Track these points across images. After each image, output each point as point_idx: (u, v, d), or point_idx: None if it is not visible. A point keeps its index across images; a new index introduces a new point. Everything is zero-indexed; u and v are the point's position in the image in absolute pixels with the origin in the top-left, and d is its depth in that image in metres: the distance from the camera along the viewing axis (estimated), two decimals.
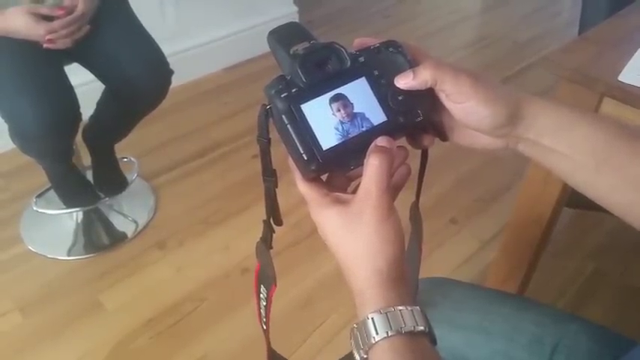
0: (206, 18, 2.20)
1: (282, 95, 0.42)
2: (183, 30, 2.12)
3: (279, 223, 0.51)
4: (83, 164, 1.56)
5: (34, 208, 1.56)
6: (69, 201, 1.53)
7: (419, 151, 0.51)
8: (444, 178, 1.78)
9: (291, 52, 0.43)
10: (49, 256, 1.50)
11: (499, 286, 1.20)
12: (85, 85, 1.38)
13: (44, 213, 1.55)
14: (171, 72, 1.34)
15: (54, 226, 1.58)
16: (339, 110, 0.43)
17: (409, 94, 0.45)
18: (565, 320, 0.70)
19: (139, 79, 1.29)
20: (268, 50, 0.46)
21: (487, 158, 1.87)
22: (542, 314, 0.71)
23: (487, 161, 1.86)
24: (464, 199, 1.72)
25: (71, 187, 1.52)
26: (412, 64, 0.46)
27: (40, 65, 1.18)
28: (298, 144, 0.42)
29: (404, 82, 0.45)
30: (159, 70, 1.33)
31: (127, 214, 1.63)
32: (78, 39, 1.17)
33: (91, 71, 1.32)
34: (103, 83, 1.35)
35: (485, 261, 1.49)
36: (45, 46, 1.14)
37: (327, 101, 0.43)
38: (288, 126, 0.42)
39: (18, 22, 1.10)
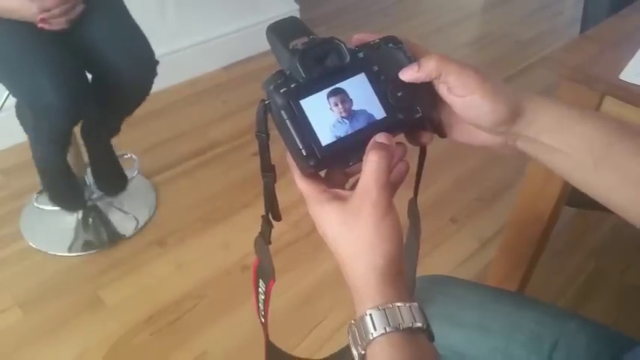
0: (206, 16, 2.20)
1: (281, 90, 0.42)
2: (183, 28, 2.12)
3: (277, 218, 0.51)
4: (83, 161, 1.56)
5: (35, 205, 1.56)
6: (57, 202, 1.52)
7: (417, 148, 0.51)
8: (443, 177, 1.78)
9: (290, 46, 0.43)
10: (49, 252, 1.50)
11: (499, 284, 1.20)
12: None
13: (45, 209, 1.55)
14: (156, 62, 1.34)
15: (54, 223, 1.58)
16: (336, 105, 0.43)
17: (408, 90, 0.45)
18: (564, 318, 0.70)
19: (122, 68, 1.28)
20: (268, 49, 0.46)
21: (487, 157, 1.87)
22: (541, 312, 0.71)
23: (487, 160, 1.86)
24: (464, 198, 1.72)
25: (62, 186, 1.51)
26: (412, 60, 0.46)
27: (49, 40, 1.18)
28: (297, 139, 0.42)
29: (409, 74, 0.45)
30: (143, 59, 1.32)
31: (128, 211, 1.63)
32: (73, 19, 1.17)
33: (79, 57, 1.32)
34: (89, 71, 1.34)
35: (485, 260, 1.49)
36: (39, 26, 1.14)
37: (326, 96, 0.43)
38: (287, 121, 0.42)
39: (11, 1, 1.10)
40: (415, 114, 0.45)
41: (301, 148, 0.42)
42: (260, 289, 0.55)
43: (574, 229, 1.61)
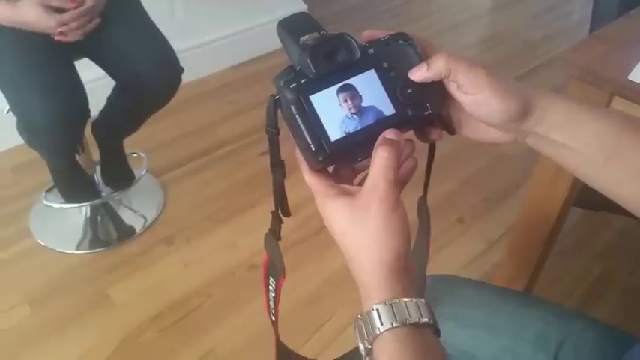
0: (214, 16, 2.21)
1: (291, 86, 0.42)
2: (191, 28, 2.13)
3: (287, 214, 0.51)
4: (93, 159, 1.57)
5: (44, 203, 1.57)
6: (69, 196, 1.54)
7: (425, 147, 0.51)
8: (451, 178, 1.78)
9: (301, 42, 0.43)
10: (58, 249, 1.51)
11: (506, 285, 1.19)
12: (96, 81, 1.39)
13: (54, 207, 1.56)
14: (181, 70, 1.35)
15: (63, 221, 1.60)
16: (345, 101, 0.43)
17: (418, 87, 0.45)
18: (571, 318, 0.70)
19: (149, 77, 1.29)
20: (276, 48, 0.46)
21: (494, 158, 1.86)
22: (548, 312, 0.71)
23: (495, 161, 1.85)
24: (471, 199, 1.72)
25: (72, 184, 1.53)
26: (422, 57, 0.46)
27: (52, 60, 1.19)
28: (306, 135, 0.42)
29: (418, 74, 0.45)
30: (169, 67, 1.33)
31: (136, 209, 1.65)
32: (89, 31, 1.18)
33: (101, 67, 1.33)
34: (113, 79, 1.36)
35: (492, 261, 1.49)
36: (56, 38, 1.14)
37: (336, 92, 0.43)
38: (297, 117, 0.42)
39: (30, 14, 1.11)
40: (425, 111, 0.45)
41: (310, 143, 0.42)
42: (270, 287, 0.55)
43: (581, 231, 1.60)
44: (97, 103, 1.37)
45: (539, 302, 0.75)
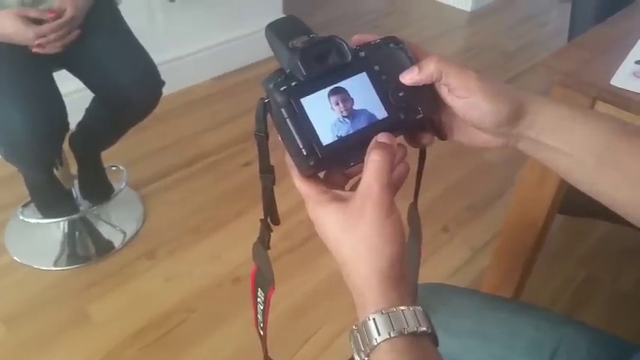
0: (195, 28, 2.19)
1: (282, 88, 0.41)
2: (172, 39, 2.11)
3: (276, 222, 0.50)
4: (71, 172, 1.53)
5: (20, 218, 1.53)
6: (46, 211, 1.50)
7: (415, 152, 0.51)
8: (434, 187, 1.78)
9: (290, 45, 0.42)
10: (34, 266, 1.46)
11: (493, 292, 1.19)
12: (74, 94, 1.36)
13: (30, 222, 1.52)
14: (162, 83, 1.33)
15: (40, 237, 1.55)
16: (337, 104, 0.42)
17: (410, 91, 0.44)
18: (563, 323, 0.70)
19: (130, 89, 1.27)
20: (259, 59, 0.45)
21: (477, 166, 1.87)
22: (540, 318, 0.71)
23: (477, 169, 1.87)
24: (455, 208, 1.72)
25: (50, 198, 1.50)
26: (413, 60, 0.45)
27: (29, 71, 1.16)
28: (297, 139, 0.41)
29: (409, 77, 0.44)
30: (150, 80, 1.31)
31: (115, 223, 1.61)
32: (67, 43, 1.16)
33: (80, 78, 1.31)
34: (92, 91, 1.33)
35: (478, 269, 1.49)
36: (34, 50, 1.12)
37: (327, 95, 0.42)
38: (287, 120, 0.41)
39: (7, 26, 1.08)
40: (417, 114, 0.45)
41: (301, 147, 0.41)
42: (259, 299, 0.53)
43: (565, 237, 1.61)
44: (75, 116, 1.34)
45: (530, 308, 0.74)
